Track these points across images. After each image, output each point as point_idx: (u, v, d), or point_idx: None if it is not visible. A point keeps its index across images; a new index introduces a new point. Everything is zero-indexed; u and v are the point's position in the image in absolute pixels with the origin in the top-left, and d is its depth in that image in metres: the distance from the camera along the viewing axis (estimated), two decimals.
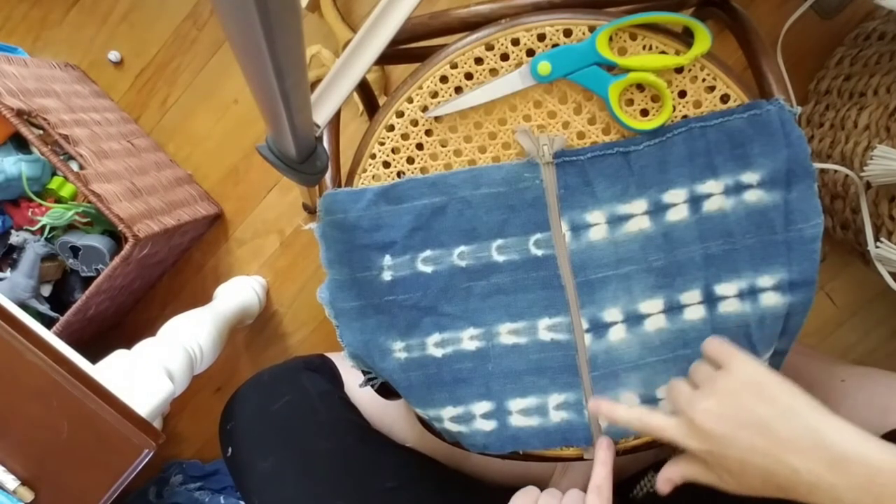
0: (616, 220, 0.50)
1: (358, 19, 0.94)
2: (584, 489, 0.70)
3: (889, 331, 0.94)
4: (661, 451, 0.69)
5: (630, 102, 0.50)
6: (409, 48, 0.56)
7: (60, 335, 0.75)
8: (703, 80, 0.48)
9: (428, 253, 0.51)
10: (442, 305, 0.52)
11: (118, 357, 0.70)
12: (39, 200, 0.82)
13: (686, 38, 0.48)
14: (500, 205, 0.50)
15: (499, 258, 0.51)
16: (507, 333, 0.52)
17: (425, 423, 0.55)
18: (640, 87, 0.49)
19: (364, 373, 0.54)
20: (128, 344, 0.74)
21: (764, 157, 0.47)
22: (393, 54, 0.51)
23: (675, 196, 0.49)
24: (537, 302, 0.51)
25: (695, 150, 0.48)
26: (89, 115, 0.89)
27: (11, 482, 0.58)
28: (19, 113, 0.74)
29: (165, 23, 0.98)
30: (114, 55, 1.00)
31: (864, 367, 0.60)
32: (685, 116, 0.49)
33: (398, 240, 0.51)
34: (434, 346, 0.52)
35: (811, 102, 0.85)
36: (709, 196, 0.49)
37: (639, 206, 0.49)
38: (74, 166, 0.77)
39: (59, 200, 0.84)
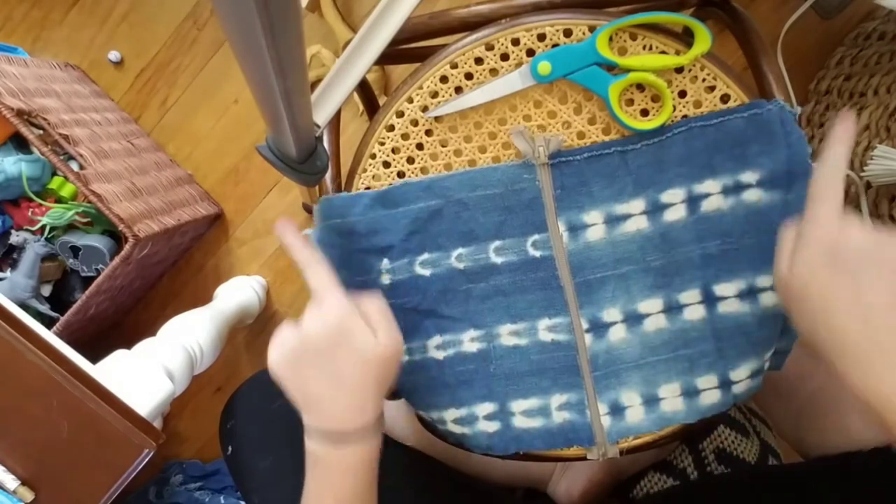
0: (613, 221, 0.50)
1: (358, 19, 0.94)
2: (585, 489, 0.70)
3: None
4: (661, 452, 0.69)
5: (630, 102, 0.50)
6: (409, 48, 0.56)
7: (60, 335, 0.75)
8: (704, 80, 0.48)
9: (426, 256, 0.51)
10: (442, 308, 0.52)
11: (118, 357, 0.70)
12: (39, 200, 0.82)
13: (686, 38, 0.48)
14: (497, 206, 0.50)
15: (497, 260, 0.51)
16: (508, 335, 0.52)
17: (427, 425, 0.55)
18: (641, 87, 0.49)
19: None
20: (128, 344, 0.74)
21: (763, 157, 0.47)
22: (393, 54, 0.51)
23: (673, 196, 0.49)
24: (536, 303, 0.51)
25: (693, 150, 0.48)
26: (89, 115, 0.89)
27: (11, 482, 0.58)
28: (19, 113, 0.74)
29: (165, 23, 0.98)
30: (114, 55, 1.00)
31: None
32: (685, 116, 0.49)
33: (396, 243, 0.51)
34: (435, 348, 0.52)
35: (811, 102, 0.85)
36: (707, 196, 0.48)
37: (636, 206, 0.49)
38: (74, 166, 0.77)
39: (59, 200, 0.84)
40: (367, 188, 0.52)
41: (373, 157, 0.51)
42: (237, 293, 0.98)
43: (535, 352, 0.52)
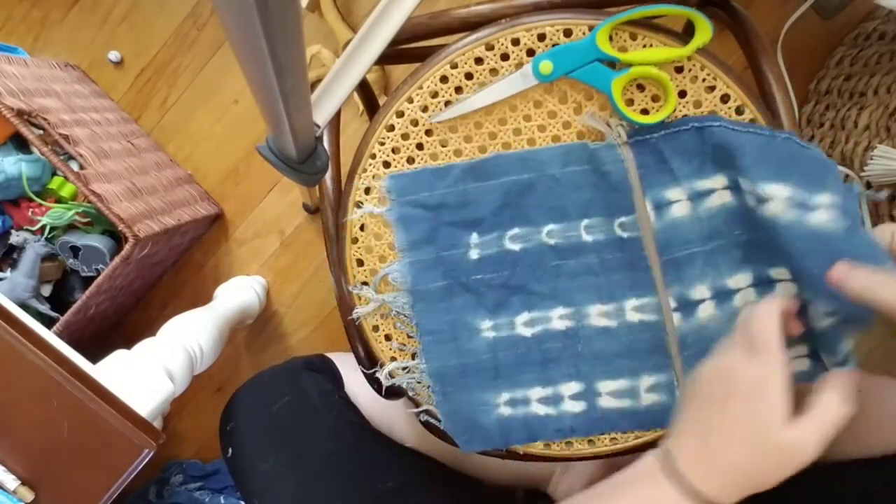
0: (697, 196, 0.48)
1: (358, 19, 0.94)
2: (586, 489, 0.70)
3: (889, 330, 0.94)
4: None
5: (630, 103, 0.49)
6: (409, 48, 0.56)
7: (61, 335, 0.75)
8: (703, 79, 0.48)
9: (516, 231, 0.50)
10: (531, 284, 0.51)
11: (118, 357, 0.70)
12: (39, 200, 0.82)
13: (686, 37, 0.48)
14: (588, 183, 0.49)
15: (587, 238, 0.50)
16: (598, 315, 0.51)
17: (427, 425, 0.55)
18: (641, 87, 0.49)
19: (369, 377, 0.54)
20: (128, 344, 0.74)
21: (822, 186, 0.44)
22: (393, 54, 0.51)
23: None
24: (623, 283, 0.50)
25: (767, 154, 0.46)
26: (89, 115, 0.89)
27: (11, 482, 0.58)
28: (19, 113, 0.74)
29: (165, 23, 0.98)
30: (114, 55, 1.00)
31: (880, 377, 0.59)
32: (685, 116, 0.49)
33: (486, 217, 0.50)
34: (523, 325, 0.51)
35: (811, 102, 0.85)
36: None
37: (719, 180, 0.48)
38: (74, 166, 0.77)
39: (59, 200, 0.84)
40: (367, 188, 0.52)
41: (373, 157, 0.51)
42: (237, 293, 0.98)
43: (624, 333, 0.51)
